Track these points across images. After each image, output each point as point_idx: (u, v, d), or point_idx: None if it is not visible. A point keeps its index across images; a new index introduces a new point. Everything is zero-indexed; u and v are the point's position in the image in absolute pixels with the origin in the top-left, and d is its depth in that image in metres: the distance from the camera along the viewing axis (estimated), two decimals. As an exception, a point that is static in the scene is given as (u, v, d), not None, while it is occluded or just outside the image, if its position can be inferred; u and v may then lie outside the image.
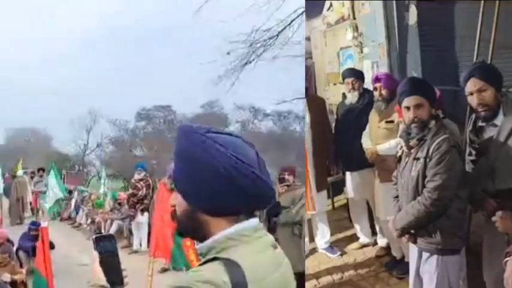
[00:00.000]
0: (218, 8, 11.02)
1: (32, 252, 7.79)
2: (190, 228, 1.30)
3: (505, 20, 4.02)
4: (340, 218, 5.71)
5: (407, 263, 3.49)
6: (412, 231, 3.10)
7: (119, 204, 11.26)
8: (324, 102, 5.37)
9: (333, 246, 5.11)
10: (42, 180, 13.94)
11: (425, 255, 3.08)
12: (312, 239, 5.19)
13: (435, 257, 3.01)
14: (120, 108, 32.15)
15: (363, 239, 5.12)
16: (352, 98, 4.87)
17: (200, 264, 1.22)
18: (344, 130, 4.97)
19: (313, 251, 5.13)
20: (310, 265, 4.80)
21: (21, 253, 7.93)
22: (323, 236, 5.13)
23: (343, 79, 4.96)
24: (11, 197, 13.88)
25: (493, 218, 2.73)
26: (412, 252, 3.24)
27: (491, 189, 2.91)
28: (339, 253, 5.02)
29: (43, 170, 14.74)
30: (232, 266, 1.16)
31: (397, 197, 3.27)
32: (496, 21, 3.99)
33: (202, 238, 1.27)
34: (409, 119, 3.04)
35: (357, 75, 4.90)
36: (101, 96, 36.12)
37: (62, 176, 18.39)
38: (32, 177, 15.17)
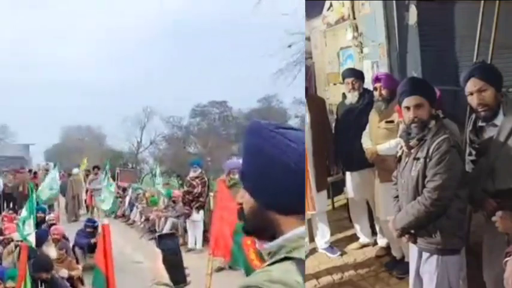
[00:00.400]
0: (278, -1, 10.64)
1: (87, 249, 7.96)
2: (258, 226, 1.24)
3: (505, 20, 4.02)
4: (340, 218, 5.71)
5: (407, 263, 3.49)
6: (412, 231, 3.10)
7: (173, 201, 11.10)
8: (324, 102, 5.37)
9: (333, 246, 5.11)
10: (97, 178, 13.92)
11: (425, 255, 3.08)
12: (312, 239, 5.19)
13: (435, 257, 3.01)
14: (174, 105, 31.31)
15: (363, 239, 5.12)
16: (352, 98, 4.87)
17: (269, 264, 1.17)
18: (344, 130, 4.97)
19: (313, 251, 5.13)
20: (310, 265, 4.79)
21: (77, 249, 8.02)
22: (323, 236, 5.13)
23: (343, 79, 4.96)
24: (67, 194, 14.08)
25: (493, 218, 2.73)
26: (412, 252, 3.24)
27: (491, 189, 2.91)
28: (339, 253, 5.02)
29: (98, 168, 14.74)
30: (305, 266, 1.14)
31: (397, 197, 3.27)
32: (496, 21, 3.98)
33: (270, 237, 1.21)
34: (409, 119, 3.04)
35: (357, 75, 4.90)
36: (155, 94, 35.33)
37: (116, 174, 18.39)
38: (87, 175, 15.24)
